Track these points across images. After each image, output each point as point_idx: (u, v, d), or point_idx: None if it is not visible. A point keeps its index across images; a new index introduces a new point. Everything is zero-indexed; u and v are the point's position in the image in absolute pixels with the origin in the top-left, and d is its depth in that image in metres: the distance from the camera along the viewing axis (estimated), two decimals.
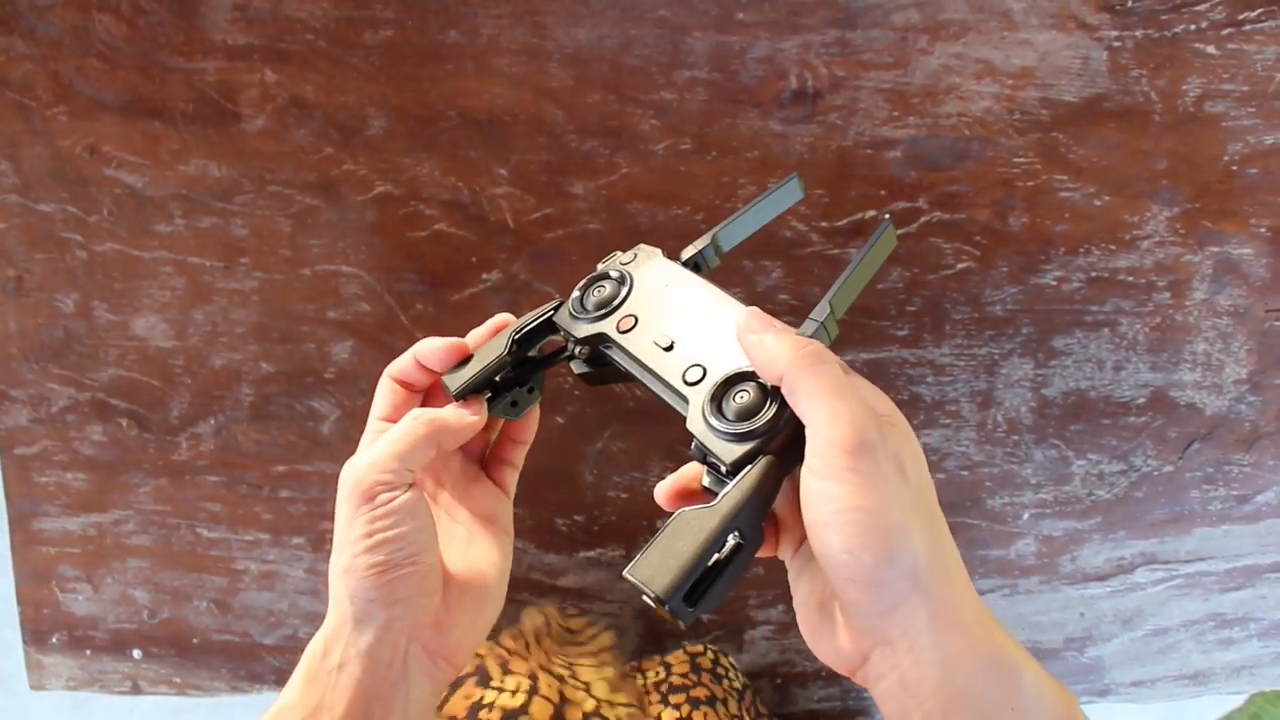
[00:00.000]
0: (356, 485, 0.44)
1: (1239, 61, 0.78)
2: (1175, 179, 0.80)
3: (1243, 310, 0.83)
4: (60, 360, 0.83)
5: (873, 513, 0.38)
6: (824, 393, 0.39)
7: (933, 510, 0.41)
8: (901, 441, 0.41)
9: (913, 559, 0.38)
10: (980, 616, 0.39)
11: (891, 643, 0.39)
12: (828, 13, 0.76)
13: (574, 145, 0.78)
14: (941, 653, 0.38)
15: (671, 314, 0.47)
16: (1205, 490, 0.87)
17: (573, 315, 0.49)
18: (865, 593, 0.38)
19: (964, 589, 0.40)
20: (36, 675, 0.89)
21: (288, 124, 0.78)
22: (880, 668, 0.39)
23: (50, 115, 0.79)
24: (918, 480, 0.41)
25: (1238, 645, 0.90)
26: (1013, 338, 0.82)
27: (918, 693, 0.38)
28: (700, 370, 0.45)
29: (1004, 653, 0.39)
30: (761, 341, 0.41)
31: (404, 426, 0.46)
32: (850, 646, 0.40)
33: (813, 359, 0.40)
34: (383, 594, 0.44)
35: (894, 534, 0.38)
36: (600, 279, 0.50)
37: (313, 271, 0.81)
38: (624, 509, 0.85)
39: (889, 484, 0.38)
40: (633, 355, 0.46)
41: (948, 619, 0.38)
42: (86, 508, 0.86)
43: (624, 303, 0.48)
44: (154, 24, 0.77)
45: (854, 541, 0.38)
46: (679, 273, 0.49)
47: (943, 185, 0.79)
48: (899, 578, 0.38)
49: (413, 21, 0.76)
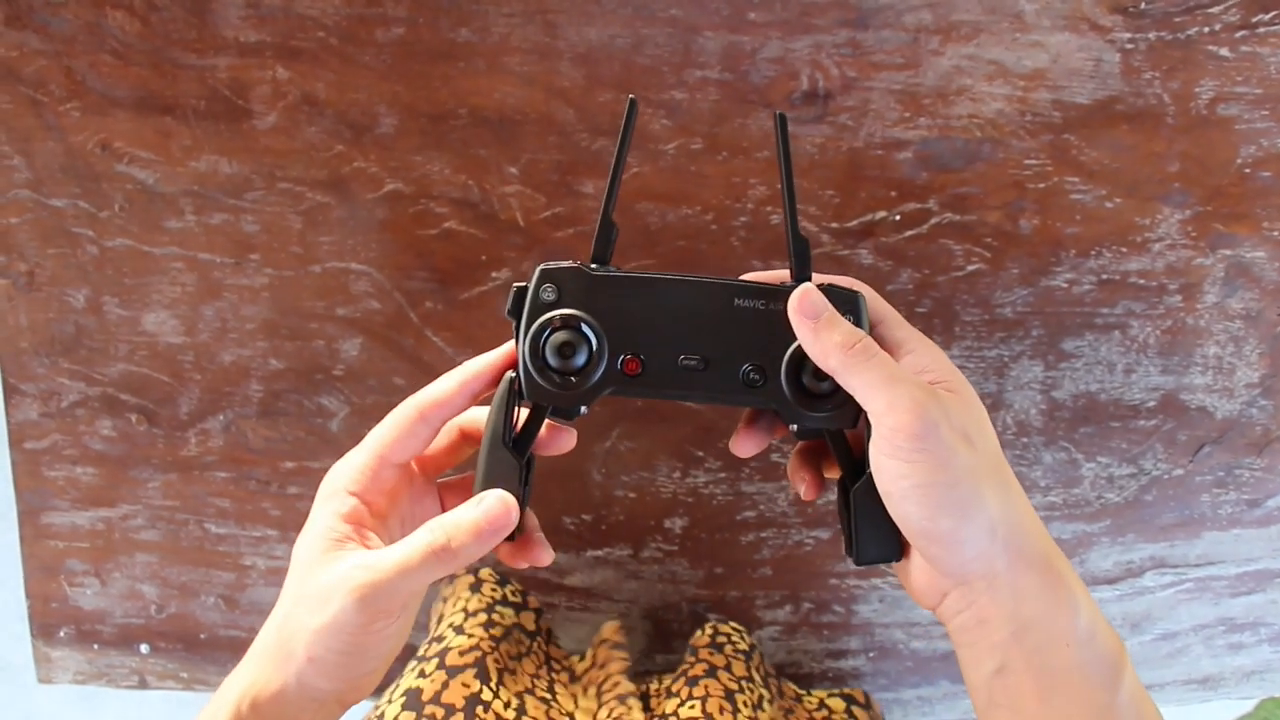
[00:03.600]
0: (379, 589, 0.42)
1: (1252, 64, 0.77)
2: (1187, 181, 0.80)
3: (1254, 314, 0.82)
4: (71, 355, 0.83)
5: (946, 486, 0.41)
6: (878, 384, 0.41)
7: (1001, 467, 0.44)
8: (963, 408, 0.43)
9: (988, 516, 0.41)
10: (1049, 555, 0.43)
11: (970, 583, 0.42)
12: (839, 13, 0.76)
13: (585, 144, 0.78)
14: (1014, 589, 0.42)
15: (673, 328, 0.45)
16: (1216, 494, 0.86)
17: (549, 388, 0.45)
18: (946, 549, 0.42)
19: (1035, 530, 0.43)
20: (44, 669, 0.90)
21: (299, 121, 0.79)
22: (958, 604, 0.43)
23: (63, 111, 0.79)
24: (983, 442, 0.43)
25: (1248, 650, 0.90)
26: (1023, 340, 0.82)
27: (989, 626, 0.42)
28: (756, 370, 0.45)
29: (1068, 591, 0.42)
30: (815, 334, 0.43)
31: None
32: (930, 586, 0.44)
33: (862, 355, 0.42)
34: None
35: (969, 499, 0.41)
36: (545, 330, 0.44)
37: (323, 268, 0.81)
38: (632, 508, 0.85)
39: (957, 455, 0.41)
40: (662, 391, 0.45)
41: (1023, 561, 0.42)
42: (95, 502, 0.86)
43: (602, 345, 0.44)
44: (166, 20, 0.77)
45: (931, 510, 0.41)
46: (623, 279, 0.45)
47: (953, 187, 0.79)
48: (977, 534, 0.41)
49: (424, 19, 0.76)
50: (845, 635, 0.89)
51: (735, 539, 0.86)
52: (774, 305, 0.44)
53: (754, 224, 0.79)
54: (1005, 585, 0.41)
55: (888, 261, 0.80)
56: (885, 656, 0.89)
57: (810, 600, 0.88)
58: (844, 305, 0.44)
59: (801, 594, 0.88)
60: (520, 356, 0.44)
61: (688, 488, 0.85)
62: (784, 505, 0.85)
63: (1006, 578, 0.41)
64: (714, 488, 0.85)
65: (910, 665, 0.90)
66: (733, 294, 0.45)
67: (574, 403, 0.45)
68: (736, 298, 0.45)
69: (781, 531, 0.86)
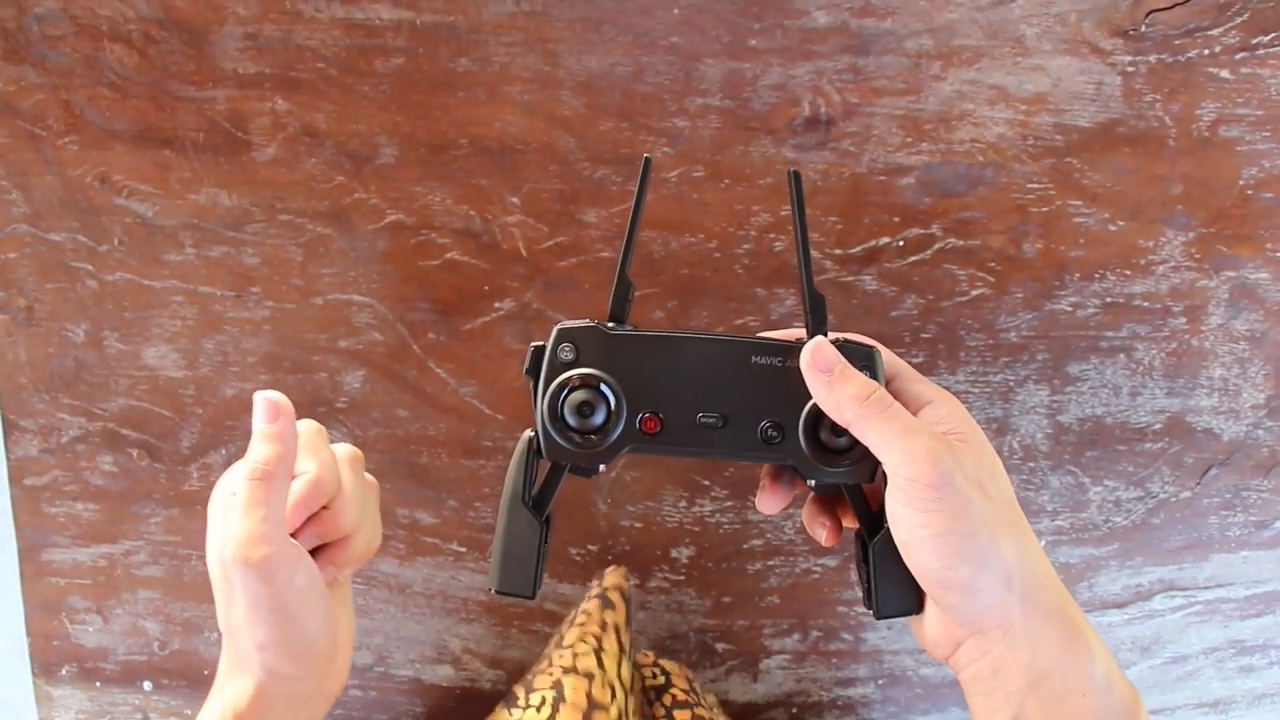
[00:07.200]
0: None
1: (1253, 86, 0.77)
2: (1190, 204, 0.79)
3: (1259, 335, 0.82)
4: (71, 390, 0.83)
5: (963, 535, 0.41)
6: (893, 435, 0.41)
7: (1016, 515, 0.44)
8: (977, 458, 0.43)
9: (1004, 565, 0.41)
10: (1064, 605, 0.43)
11: (985, 632, 0.42)
12: (840, 39, 0.76)
13: (586, 173, 0.78)
14: (1030, 639, 0.42)
15: (690, 386, 0.45)
16: (1223, 516, 0.86)
17: (568, 447, 0.44)
18: (963, 598, 0.42)
19: (1050, 581, 0.43)
20: (46, 708, 0.89)
21: (299, 152, 0.78)
22: (972, 654, 0.43)
23: (61, 145, 0.79)
24: (998, 492, 0.43)
25: (1258, 672, 0.90)
26: (1028, 364, 0.82)
27: (1004, 676, 0.42)
28: (774, 426, 0.45)
29: (1084, 641, 0.42)
30: (829, 388, 0.43)
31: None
32: (945, 636, 0.44)
33: (876, 407, 0.42)
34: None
35: (985, 548, 0.41)
36: (564, 390, 0.44)
37: (324, 300, 0.80)
38: (638, 538, 0.85)
39: (972, 505, 0.41)
40: (681, 448, 0.45)
41: (1039, 611, 0.42)
42: (97, 538, 0.85)
43: (620, 404, 0.44)
44: (165, 53, 0.77)
45: (949, 559, 0.41)
46: (641, 338, 0.45)
47: (956, 212, 0.79)
48: (994, 583, 0.41)
49: (424, 49, 0.76)
50: (854, 663, 0.88)
51: (742, 568, 0.85)
52: (791, 362, 0.44)
53: (757, 251, 0.79)
54: (1021, 635, 0.41)
55: (892, 287, 0.80)
56: (894, 684, 0.89)
57: (818, 628, 0.87)
58: (859, 360, 0.44)
59: (810, 622, 0.87)
60: (539, 416, 0.44)
61: (694, 517, 0.84)
62: (791, 533, 0.85)
63: (1022, 627, 0.41)
64: (720, 516, 0.84)
65: (920, 692, 0.89)
66: (750, 351, 0.45)
67: (593, 461, 0.45)
68: (754, 355, 0.45)
69: (789, 560, 0.85)
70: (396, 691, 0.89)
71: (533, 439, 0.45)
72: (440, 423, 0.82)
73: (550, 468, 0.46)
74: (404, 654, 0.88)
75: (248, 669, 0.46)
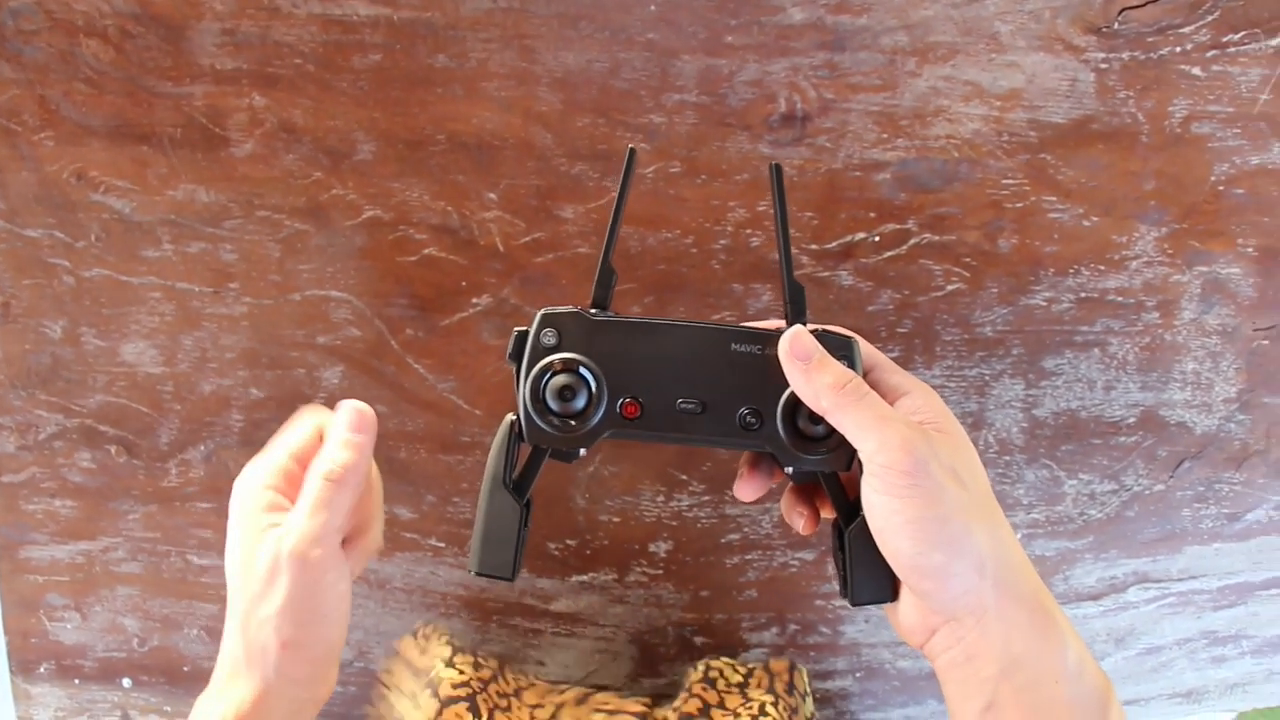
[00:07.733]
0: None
1: (1224, 83, 0.78)
2: (1163, 199, 0.80)
3: (1231, 329, 0.83)
4: (48, 387, 0.82)
5: (937, 521, 0.42)
6: (869, 423, 0.42)
7: (991, 507, 0.45)
8: (952, 448, 0.44)
9: (977, 552, 0.42)
10: (1037, 593, 0.44)
11: (959, 619, 0.43)
12: (816, 35, 0.76)
13: (564, 169, 0.78)
14: (1003, 626, 0.42)
15: (671, 373, 0.45)
16: (1196, 508, 0.87)
17: (549, 431, 0.45)
18: (936, 584, 0.43)
19: (1024, 570, 0.44)
20: (24, 705, 0.89)
21: (276, 148, 0.78)
22: (946, 640, 0.44)
23: (37, 140, 0.78)
24: (972, 481, 0.44)
25: (1230, 663, 0.91)
26: (1003, 359, 0.82)
27: (978, 663, 0.42)
28: (752, 413, 0.45)
29: (1057, 628, 0.43)
30: (806, 375, 0.43)
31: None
32: (920, 623, 0.45)
33: (853, 395, 0.43)
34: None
35: (959, 534, 0.42)
36: (546, 374, 0.45)
37: (302, 296, 0.80)
38: (616, 533, 0.85)
39: (946, 491, 0.42)
40: (661, 434, 0.46)
41: (1012, 598, 0.42)
42: (75, 535, 0.85)
43: (601, 389, 0.45)
44: (141, 48, 0.77)
45: (923, 545, 0.42)
46: (623, 324, 0.46)
47: (932, 207, 0.79)
48: (967, 570, 0.42)
49: (401, 45, 0.76)
50: (832, 656, 0.89)
51: (720, 562, 0.86)
52: (770, 350, 0.45)
53: (734, 246, 0.80)
54: (994, 621, 0.42)
55: (868, 282, 0.81)
56: (872, 677, 0.89)
57: (796, 621, 0.88)
58: (837, 350, 0.44)
59: (788, 615, 0.87)
60: (520, 400, 0.45)
61: (672, 511, 0.85)
62: (768, 527, 0.85)
63: (995, 614, 0.42)
64: (698, 511, 0.85)
65: (897, 685, 0.90)
66: (729, 339, 0.45)
67: (574, 445, 0.46)
68: (733, 343, 0.45)
69: (766, 553, 0.86)
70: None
71: (514, 423, 0.46)
72: (418, 418, 0.82)
73: (531, 452, 0.47)
74: (384, 649, 0.88)
75: (255, 670, 0.46)
